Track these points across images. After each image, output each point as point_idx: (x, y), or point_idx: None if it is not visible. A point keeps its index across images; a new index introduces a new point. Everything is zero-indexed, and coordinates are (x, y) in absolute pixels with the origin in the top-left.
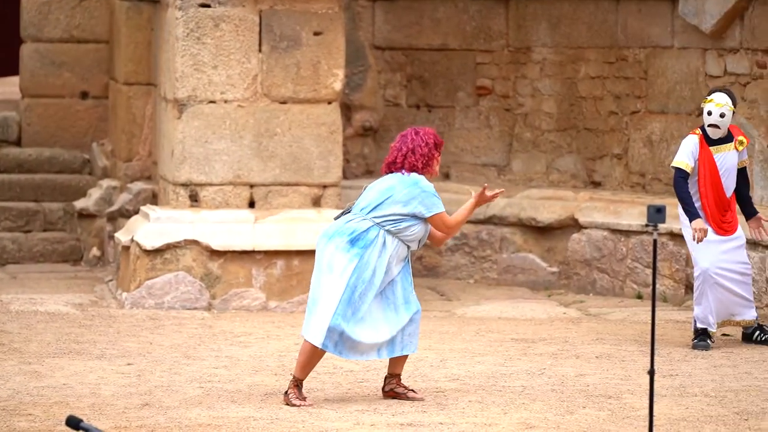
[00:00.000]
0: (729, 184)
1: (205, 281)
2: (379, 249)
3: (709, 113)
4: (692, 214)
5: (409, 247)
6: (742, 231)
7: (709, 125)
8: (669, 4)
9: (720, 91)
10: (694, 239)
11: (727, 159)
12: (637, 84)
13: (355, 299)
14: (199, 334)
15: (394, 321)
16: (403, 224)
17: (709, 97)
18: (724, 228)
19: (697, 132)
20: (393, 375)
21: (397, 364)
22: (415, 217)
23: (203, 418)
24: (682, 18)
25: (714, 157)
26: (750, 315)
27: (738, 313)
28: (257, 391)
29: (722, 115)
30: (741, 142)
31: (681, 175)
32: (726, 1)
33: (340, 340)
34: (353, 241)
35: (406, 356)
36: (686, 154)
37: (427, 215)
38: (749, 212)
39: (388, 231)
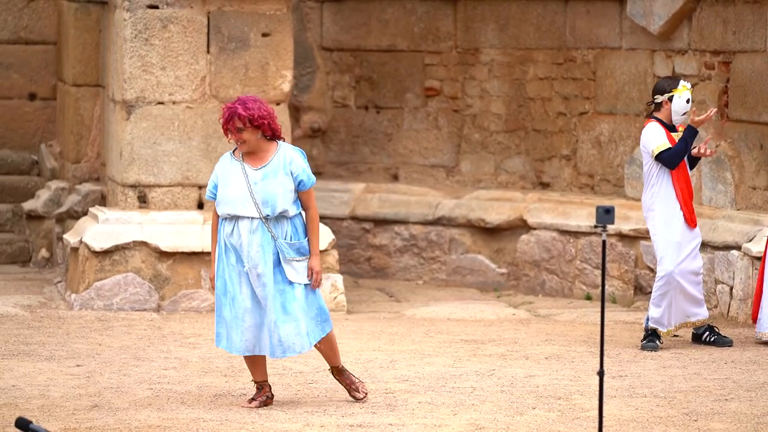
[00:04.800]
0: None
1: (154, 282)
2: None
3: (688, 101)
4: (692, 132)
5: None
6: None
7: (684, 113)
8: (617, 5)
9: (677, 78)
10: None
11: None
12: (586, 85)
13: None
14: (148, 336)
15: None
16: None
17: (682, 85)
18: (694, 218)
19: (654, 120)
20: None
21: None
22: None
23: (153, 420)
24: (630, 19)
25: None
26: (703, 314)
27: (692, 314)
28: (207, 393)
29: (688, 101)
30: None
31: (667, 152)
32: (674, 3)
33: None
34: None
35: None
36: (662, 137)
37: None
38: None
39: None
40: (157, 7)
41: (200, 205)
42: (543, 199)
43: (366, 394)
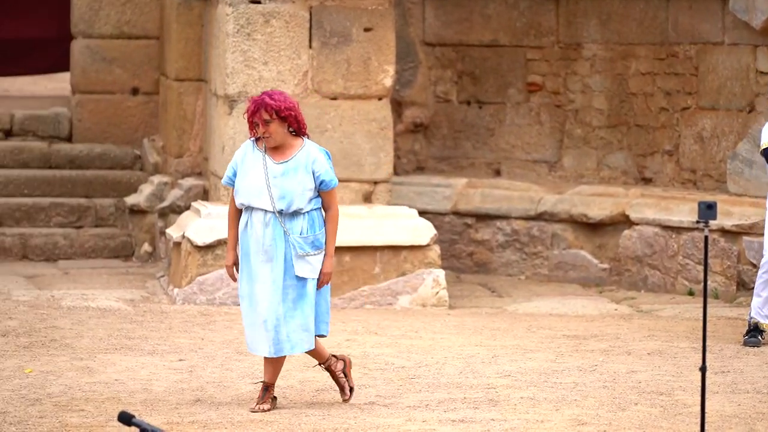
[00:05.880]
0: None
1: None
2: None
3: None
4: None
5: None
6: None
7: None
8: (719, 0)
9: None
10: None
11: None
12: (688, 80)
13: None
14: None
15: None
16: None
17: None
18: None
19: None
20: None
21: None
22: None
23: (255, 414)
24: (732, 14)
25: None
26: None
27: None
28: (308, 388)
29: None
30: None
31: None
32: None
33: None
34: None
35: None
36: None
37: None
38: None
39: None
40: (259, 2)
41: None
42: (645, 195)
43: (263, 409)
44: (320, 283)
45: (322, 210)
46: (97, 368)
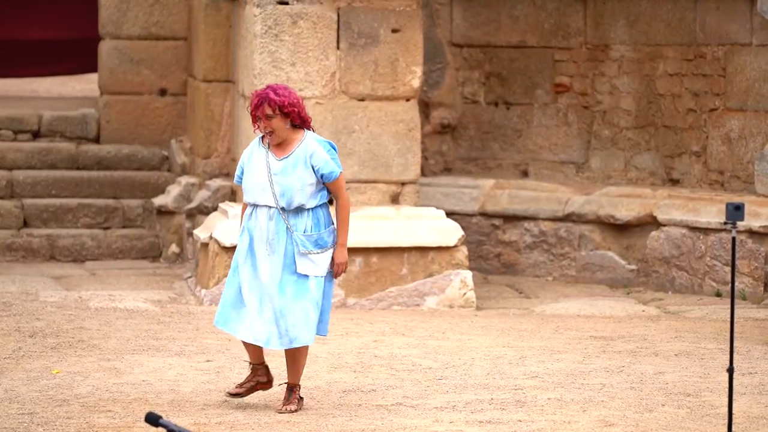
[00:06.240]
0: None
1: None
2: None
3: None
4: None
5: None
6: None
7: None
8: (747, 1)
9: None
10: None
11: None
12: (716, 81)
13: None
14: None
15: None
16: None
17: None
18: None
19: None
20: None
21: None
22: None
23: (282, 415)
24: (760, 15)
25: None
26: None
27: None
28: (336, 389)
29: None
30: None
31: None
32: None
33: None
34: None
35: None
36: None
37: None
38: None
39: None
40: (287, 3)
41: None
42: (673, 196)
43: (290, 410)
44: (336, 273)
45: (330, 206)
46: (125, 369)
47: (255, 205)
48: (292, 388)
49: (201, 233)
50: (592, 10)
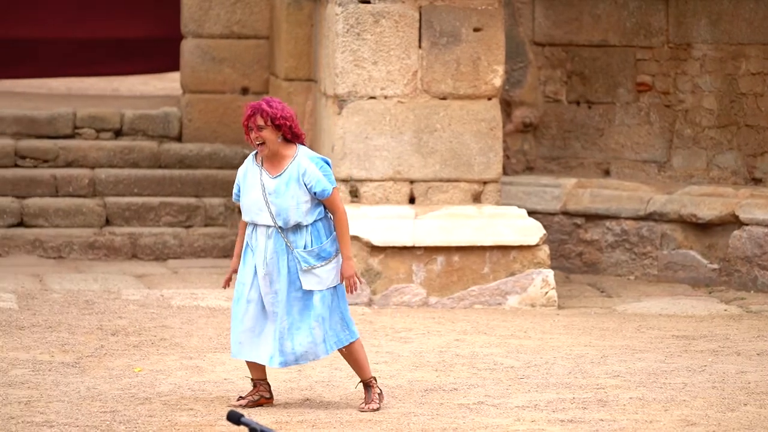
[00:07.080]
0: None
1: (365, 277)
2: None
3: None
4: None
5: None
6: None
7: None
8: None
9: None
10: None
11: None
12: None
13: None
14: (359, 330)
15: None
16: None
17: None
18: None
19: None
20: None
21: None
22: None
23: (364, 414)
24: None
25: None
26: None
27: None
28: (418, 387)
29: None
30: None
31: None
32: None
33: None
34: None
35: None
36: None
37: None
38: None
39: None
40: (369, 2)
41: (411, 200)
42: (755, 195)
43: (372, 408)
44: (348, 288)
45: (330, 215)
46: (207, 367)
47: (254, 225)
48: (368, 384)
49: None
50: (674, 9)
